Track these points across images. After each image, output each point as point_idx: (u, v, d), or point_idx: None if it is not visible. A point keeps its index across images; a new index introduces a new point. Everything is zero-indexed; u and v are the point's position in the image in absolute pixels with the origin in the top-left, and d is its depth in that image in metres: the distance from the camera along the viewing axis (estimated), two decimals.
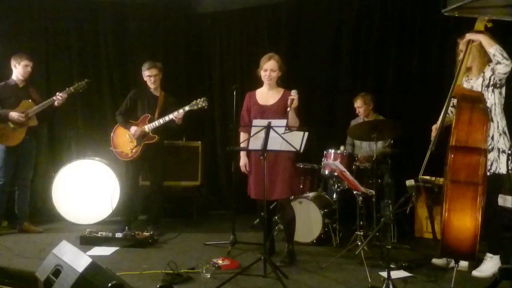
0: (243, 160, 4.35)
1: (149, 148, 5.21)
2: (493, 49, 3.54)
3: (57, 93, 5.21)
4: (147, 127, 5.16)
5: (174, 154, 6.06)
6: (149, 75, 5.21)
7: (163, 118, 5.10)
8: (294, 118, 4.08)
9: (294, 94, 4.06)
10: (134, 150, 5.19)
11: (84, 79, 5.38)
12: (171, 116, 5.06)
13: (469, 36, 3.65)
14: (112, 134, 5.36)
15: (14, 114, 5.09)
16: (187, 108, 5.07)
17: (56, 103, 5.19)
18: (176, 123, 5.11)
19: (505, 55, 3.51)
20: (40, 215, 5.93)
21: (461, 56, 3.75)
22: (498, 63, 3.53)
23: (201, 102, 5.08)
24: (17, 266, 3.87)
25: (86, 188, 5.76)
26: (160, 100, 5.28)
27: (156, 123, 5.14)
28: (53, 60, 6.34)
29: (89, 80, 5.43)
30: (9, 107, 5.15)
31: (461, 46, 3.77)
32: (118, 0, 6.54)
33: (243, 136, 4.32)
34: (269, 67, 4.18)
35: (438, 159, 3.56)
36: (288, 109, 4.02)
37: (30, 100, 5.23)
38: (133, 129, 5.18)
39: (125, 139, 5.26)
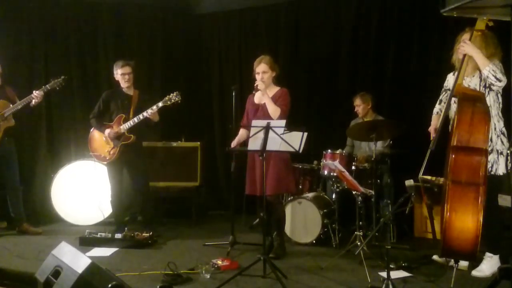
0: (236, 139, 4.52)
1: (128, 150, 5.10)
2: (486, 71, 3.55)
3: (34, 91, 5.10)
4: (122, 127, 5.06)
5: (173, 155, 6.05)
6: (123, 73, 5.13)
7: (138, 117, 5.00)
8: (272, 105, 4.23)
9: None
10: (112, 152, 5.09)
11: (61, 76, 5.23)
12: (145, 114, 4.96)
13: (464, 50, 3.63)
14: (88, 138, 5.30)
15: None
16: (160, 104, 4.96)
17: (33, 102, 5.11)
18: (152, 120, 5.04)
19: (499, 75, 3.52)
20: (39, 216, 5.90)
21: (456, 48, 3.79)
22: (491, 84, 3.58)
23: (174, 97, 4.98)
24: (17, 267, 3.88)
25: (86, 189, 5.76)
26: (134, 98, 5.19)
27: (131, 122, 5.03)
28: (52, 61, 6.31)
29: (65, 77, 5.26)
30: None
31: (464, 37, 3.76)
32: (117, 1, 6.53)
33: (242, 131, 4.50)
34: (260, 70, 4.35)
35: (438, 158, 3.56)
36: (254, 92, 4.29)
37: (5, 100, 5.16)
38: (107, 131, 5.10)
39: (101, 142, 5.17)
